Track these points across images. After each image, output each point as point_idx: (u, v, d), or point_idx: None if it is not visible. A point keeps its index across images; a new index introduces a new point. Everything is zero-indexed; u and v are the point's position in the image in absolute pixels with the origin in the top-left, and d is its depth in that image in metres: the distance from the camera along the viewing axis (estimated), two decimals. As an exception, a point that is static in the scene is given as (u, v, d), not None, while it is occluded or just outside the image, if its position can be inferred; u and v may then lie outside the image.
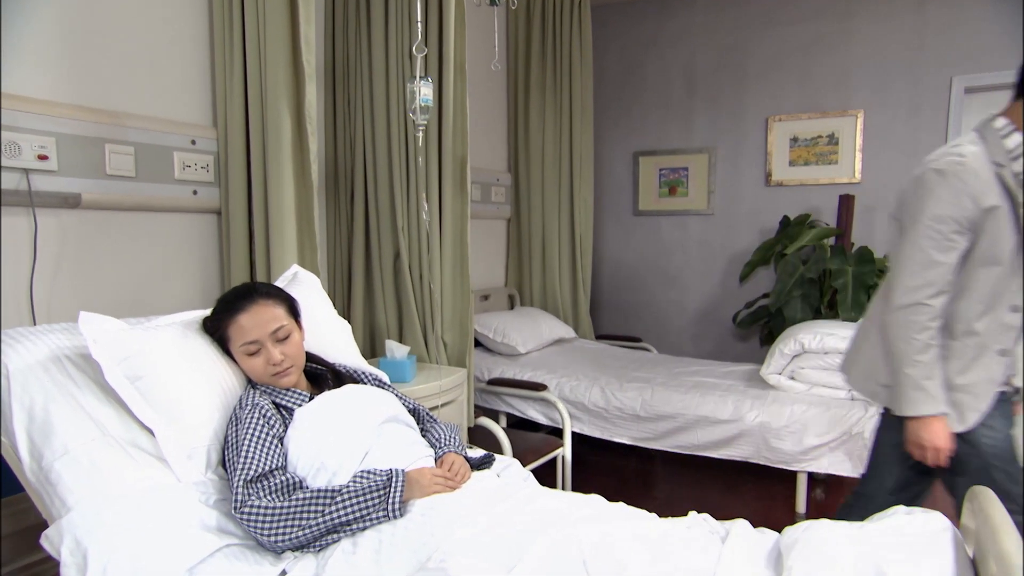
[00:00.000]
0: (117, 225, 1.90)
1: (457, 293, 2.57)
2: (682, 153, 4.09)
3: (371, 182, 2.60)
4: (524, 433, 2.82)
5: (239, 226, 2.14)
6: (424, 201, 2.36)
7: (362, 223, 2.65)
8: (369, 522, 1.24)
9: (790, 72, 3.81)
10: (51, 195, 1.69)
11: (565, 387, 2.98)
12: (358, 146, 2.62)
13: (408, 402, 1.67)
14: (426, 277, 2.52)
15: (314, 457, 1.34)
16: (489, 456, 1.57)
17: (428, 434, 1.58)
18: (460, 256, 2.55)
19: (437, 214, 2.54)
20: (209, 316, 1.48)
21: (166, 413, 1.33)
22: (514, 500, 1.30)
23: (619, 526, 1.21)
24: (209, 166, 2.11)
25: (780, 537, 1.23)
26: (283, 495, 1.27)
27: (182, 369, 1.38)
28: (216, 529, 1.24)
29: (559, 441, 2.69)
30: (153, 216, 2.00)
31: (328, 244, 2.74)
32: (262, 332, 1.42)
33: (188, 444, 1.33)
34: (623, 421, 2.85)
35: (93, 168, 1.78)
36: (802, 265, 3.36)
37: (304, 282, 1.83)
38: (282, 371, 1.44)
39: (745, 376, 3.03)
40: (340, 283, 2.73)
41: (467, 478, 1.41)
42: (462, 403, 2.46)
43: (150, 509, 1.19)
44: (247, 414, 1.36)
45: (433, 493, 1.32)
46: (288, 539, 1.23)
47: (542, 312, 3.71)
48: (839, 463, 2.52)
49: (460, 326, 2.57)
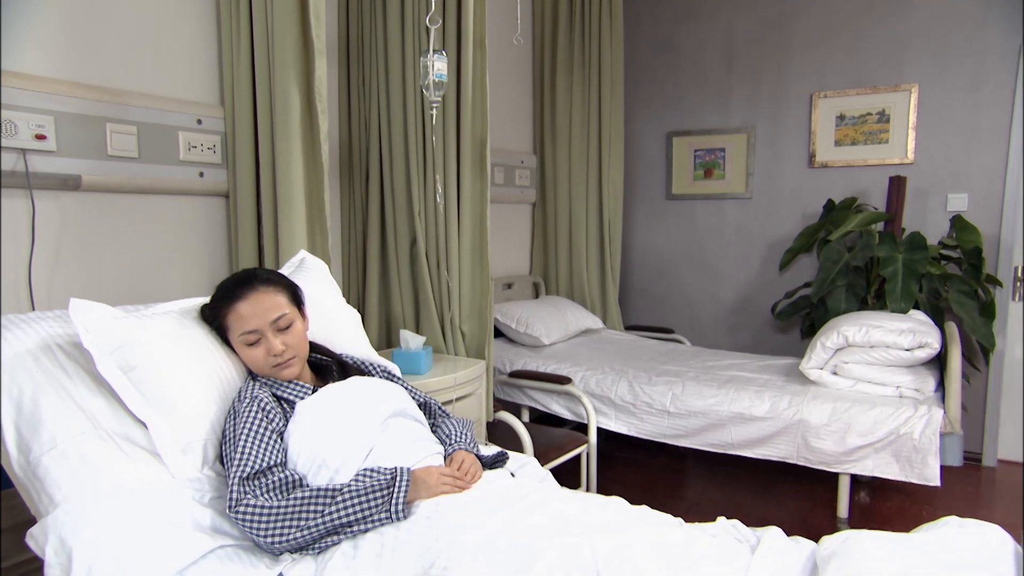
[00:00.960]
0: (119, 208, 1.89)
1: (476, 281, 2.53)
2: (719, 133, 4.00)
3: (387, 164, 2.57)
4: (547, 428, 2.79)
5: (247, 210, 2.12)
6: (439, 183, 2.32)
7: (377, 208, 2.63)
8: (371, 524, 1.22)
9: (837, 45, 3.67)
10: (50, 177, 1.68)
11: (591, 380, 2.94)
12: (373, 127, 2.59)
13: (419, 395, 1.64)
14: (443, 264, 2.49)
15: (315, 453, 1.32)
16: (502, 454, 1.53)
17: (438, 430, 1.55)
18: (479, 242, 2.51)
19: (455, 198, 2.50)
20: (207, 304, 1.46)
21: (160, 405, 1.31)
22: (526, 503, 1.26)
23: (637, 534, 1.15)
24: (216, 147, 2.09)
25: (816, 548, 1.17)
26: (281, 493, 1.25)
27: (178, 359, 1.36)
28: (210, 529, 1.22)
29: (583, 437, 2.66)
30: (157, 199, 1.99)
31: (342, 230, 2.72)
32: (262, 321, 1.39)
33: (183, 438, 1.31)
34: (652, 417, 2.79)
35: (94, 149, 1.77)
36: (847, 252, 3.25)
37: (311, 268, 1.81)
38: (283, 362, 1.42)
39: (784, 370, 2.95)
40: (354, 270, 2.71)
41: (478, 478, 1.38)
42: (481, 397, 2.43)
43: (140, 507, 1.17)
44: (245, 407, 1.34)
45: (440, 494, 1.28)
46: (285, 540, 1.20)
47: (568, 301, 3.66)
48: (885, 465, 2.43)
49: (479, 316, 2.53)
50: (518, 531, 1.16)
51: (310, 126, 2.04)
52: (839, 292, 3.23)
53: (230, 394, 1.42)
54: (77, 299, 1.32)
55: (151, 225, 1.98)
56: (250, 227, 2.13)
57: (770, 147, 3.88)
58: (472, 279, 2.54)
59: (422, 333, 2.55)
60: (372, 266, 2.65)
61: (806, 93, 3.75)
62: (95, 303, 1.35)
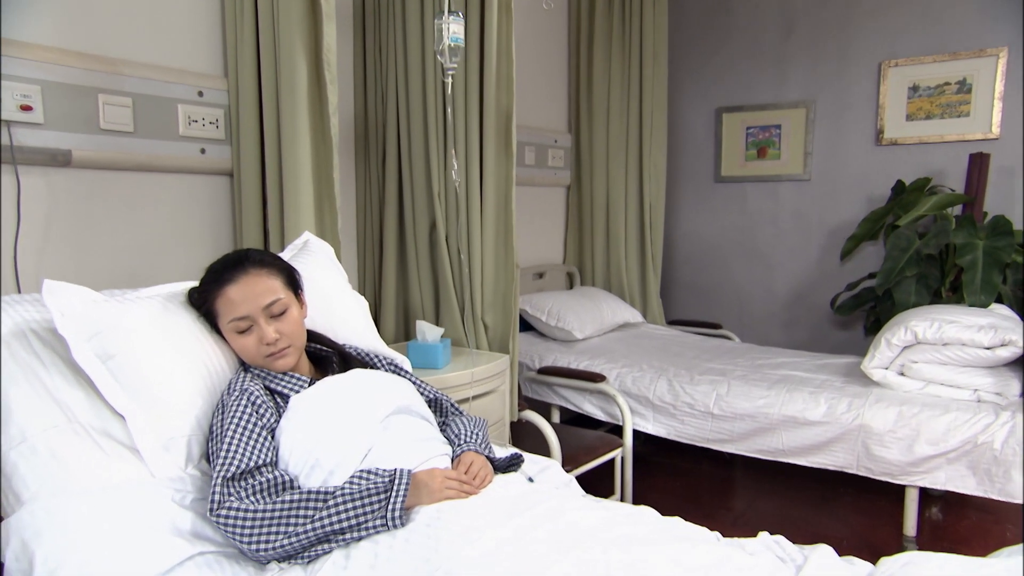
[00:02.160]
0: (113, 187, 1.87)
1: (500, 268, 2.47)
2: (774, 108, 3.89)
3: (404, 141, 2.53)
4: (578, 430, 2.74)
5: (251, 190, 2.09)
6: (453, 159, 2.25)
7: (395, 188, 2.59)
8: (365, 531, 1.17)
9: (911, 6, 3.49)
10: (37, 151, 1.67)
11: (627, 378, 2.87)
12: (391, 100, 2.54)
13: (429, 391, 1.59)
14: (464, 250, 2.44)
15: (308, 453, 1.28)
16: (517, 456, 1.47)
17: (447, 429, 1.50)
18: (503, 226, 2.45)
19: (478, 177, 2.44)
20: (195, 288, 1.42)
21: (141, 397, 1.28)
22: (539, 511, 1.20)
23: (662, 550, 1.08)
24: (219, 121, 2.06)
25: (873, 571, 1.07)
26: (268, 496, 1.20)
27: (161, 348, 1.33)
28: (190, 534, 1.19)
29: (618, 440, 2.60)
30: (154, 177, 1.96)
31: (357, 212, 2.69)
32: (253, 306, 1.35)
33: (165, 434, 1.28)
34: (693, 419, 2.71)
35: (85, 122, 1.75)
36: (918, 239, 3.10)
37: (315, 251, 1.77)
38: (277, 352, 1.38)
39: (843, 370, 2.83)
40: (371, 256, 2.68)
41: (488, 482, 1.32)
42: (504, 394, 2.37)
43: (113, 508, 1.14)
44: (233, 401, 1.30)
45: (444, 499, 1.23)
46: (271, 547, 1.16)
47: (605, 293, 3.61)
48: (960, 478, 2.29)
49: (503, 306, 2.47)
50: (527, 543, 1.10)
51: (318, 97, 2.00)
52: (908, 284, 3.09)
53: (219, 386, 1.38)
54: (52, 281, 1.29)
55: (148, 205, 1.96)
56: (255, 208, 2.10)
57: (832, 123, 3.75)
58: (496, 266, 2.48)
59: (442, 324, 2.50)
60: (389, 252, 2.61)
61: (874, 62, 3.60)
62: (72, 285, 1.32)
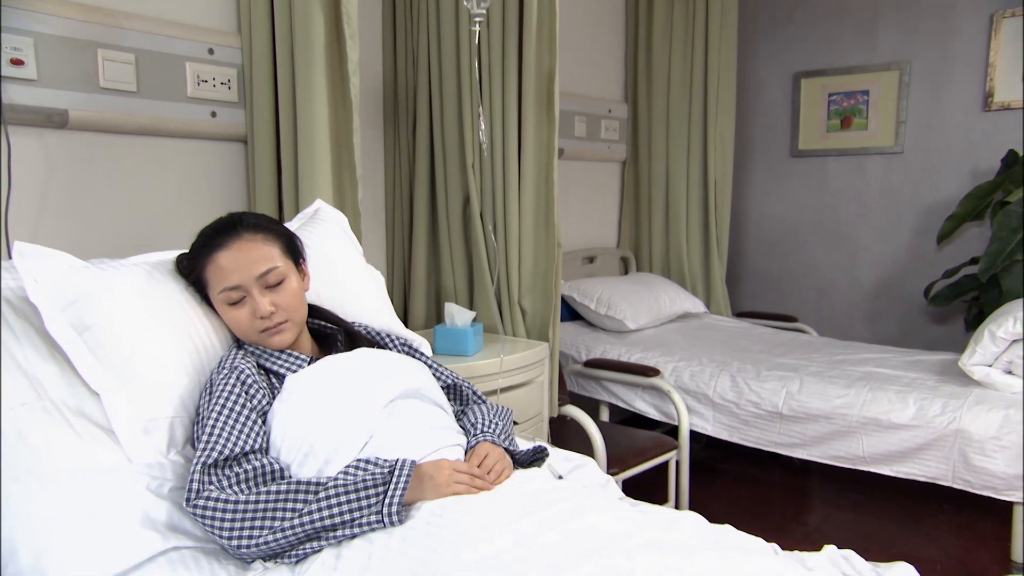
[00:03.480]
0: (115, 151, 1.85)
1: (540, 248, 2.41)
2: (862, 71, 3.73)
3: (436, 107, 2.48)
4: (628, 429, 2.68)
5: (266, 157, 2.06)
6: (480, 119, 2.17)
7: (426, 159, 2.54)
8: (359, 528, 1.11)
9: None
10: (30, 111, 1.65)
11: (684, 373, 2.81)
12: (422, 60, 2.49)
13: (447, 376, 1.54)
14: (500, 226, 2.37)
15: (302, 439, 1.23)
16: (540, 449, 1.40)
17: (464, 418, 1.44)
18: (544, 200, 2.38)
19: (515, 146, 2.36)
20: (184, 254, 1.38)
21: (119, 374, 1.24)
22: (556, 511, 1.11)
23: (700, 560, 0.98)
24: (231, 82, 2.03)
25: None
26: (255, 486, 1.15)
27: (143, 319, 1.29)
28: (165, 526, 1.14)
29: (672, 442, 2.53)
30: (160, 143, 1.94)
31: (386, 186, 2.66)
32: (246, 275, 1.31)
33: (145, 414, 1.24)
34: (759, 420, 2.62)
35: (83, 79, 1.73)
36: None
37: (325, 220, 1.73)
38: (272, 327, 1.33)
39: (937, 367, 2.67)
40: (400, 234, 2.65)
41: (504, 477, 1.25)
42: (542, 386, 2.31)
43: (78, 496, 1.11)
44: (221, 379, 1.26)
45: (452, 494, 1.17)
46: (255, 544, 1.11)
47: (663, 280, 3.56)
48: (1079, 496, 2.09)
49: (542, 290, 2.41)
50: (537, 547, 1.02)
51: (338, 54, 1.95)
52: (1017, 269, 2.91)
53: (208, 365, 1.34)
54: (24, 243, 1.26)
55: (153, 173, 1.94)
56: (269, 178, 2.06)
57: (930, 86, 3.57)
58: (535, 245, 2.41)
59: (475, 308, 2.45)
60: (420, 229, 2.57)
61: (984, 12, 3.39)
62: (49, 249, 1.29)
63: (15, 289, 1.28)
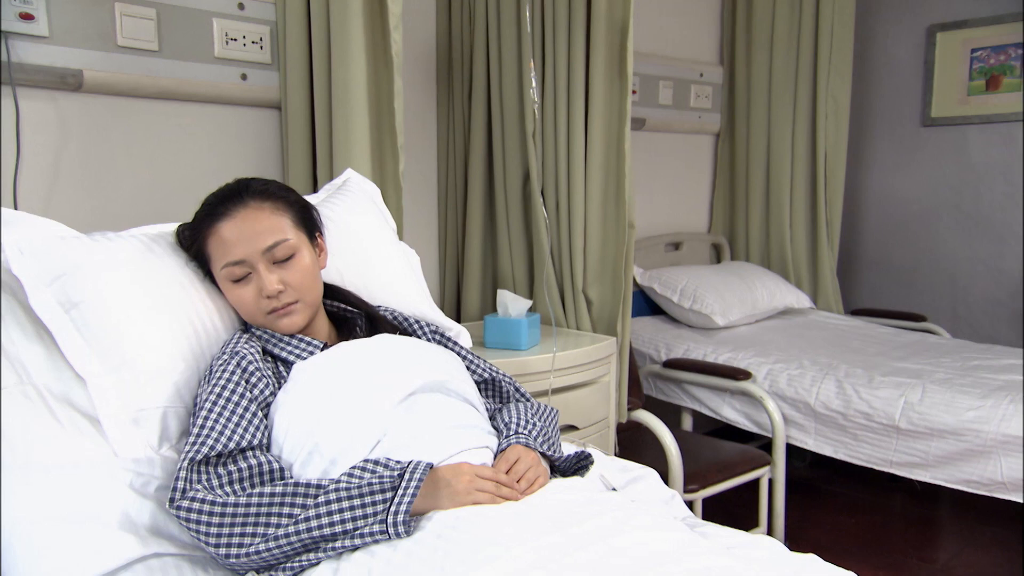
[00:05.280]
0: (135, 117, 1.87)
1: (608, 229, 2.36)
2: (1014, 20, 3.50)
3: (495, 68, 2.45)
4: (712, 440, 2.64)
5: (299, 124, 2.06)
6: (532, 74, 2.10)
7: (482, 128, 2.52)
8: (360, 539, 1.06)
9: None
10: (41, 71, 1.67)
11: (781, 377, 2.71)
12: (479, 17, 2.48)
13: (485, 369, 1.49)
14: (563, 205, 2.34)
15: (306, 436, 1.19)
16: (584, 456, 1.33)
17: (498, 416, 1.38)
18: (614, 175, 2.32)
19: (582, 113, 2.31)
20: (186, 224, 1.37)
21: (108, 357, 1.23)
22: (591, 527, 1.03)
23: None
24: (264, 40, 2.03)
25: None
26: (248, 487, 1.12)
27: (135, 297, 1.28)
28: (147, 529, 1.12)
29: (765, 457, 2.47)
30: (185, 108, 1.96)
31: (439, 159, 2.65)
32: (251, 248, 1.28)
33: (135, 403, 1.22)
34: (870, 434, 2.49)
35: (99, 36, 1.75)
36: None
37: (353, 191, 1.71)
38: (281, 308, 1.30)
39: None
40: (454, 212, 2.64)
41: (537, 486, 1.18)
42: (608, 388, 2.25)
43: (47, 493, 1.10)
44: (219, 365, 1.24)
45: (472, 503, 1.11)
46: (244, 553, 1.07)
47: (761, 270, 3.49)
48: None
49: (611, 277, 2.36)
50: (564, 567, 0.94)
51: (378, 5, 1.92)
52: None
53: (209, 349, 1.32)
54: (9, 210, 1.26)
55: (177, 141, 1.95)
56: (303, 146, 2.06)
57: None
58: (603, 226, 2.36)
59: (536, 297, 2.41)
60: (474, 207, 2.55)
61: None
62: (37, 217, 1.29)
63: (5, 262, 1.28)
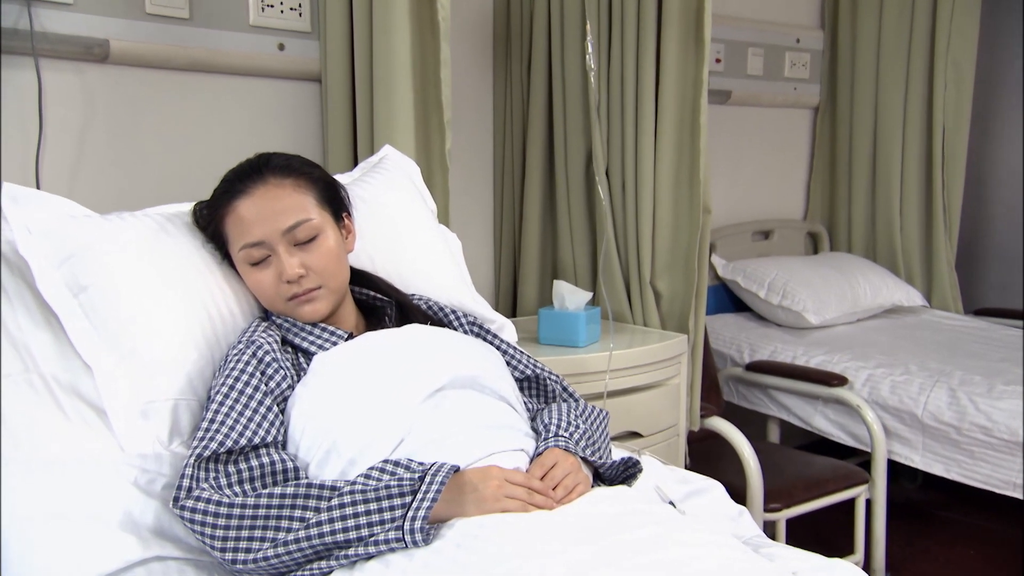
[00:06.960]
0: (165, 90, 1.91)
1: (681, 215, 2.33)
2: None
3: (556, 37, 2.46)
4: (801, 454, 2.59)
5: (340, 97, 2.10)
6: (588, 36, 2.08)
7: (543, 103, 2.54)
8: (375, 547, 1.06)
9: None
10: (65, 40, 1.72)
11: (883, 384, 2.65)
12: None
13: (525, 365, 1.48)
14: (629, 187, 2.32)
15: (324, 433, 1.20)
16: (632, 463, 1.30)
17: (539, 416, 1.37)
18: (688, 155, 2.29)
19: (652, 84, 2.28)
20: (203, 202, 1.39)
21: (117, 344, 1.26)
22: (628, 539, 1.02)
23: None
24: (302, 7, 2.07)
25: None
26: (259, 487, 1.13)
27: (147, 280, 1.30)
28: (150, 530, 1.14)
29: (863, 474, 2.42)
30: (218, 80, 2.00)
31: (495, 136, 2.67)
32: (270, 229, 1.29)
33: (144, 395, 1.25)
34: (990, 452, 2.40)
35: (126, 4, 1.79)
36: None
37: (389, 168, 1.72)
38: (302, 293, 1.31)
39: None
40: (510, 195, 2.66)
41: (576, 494, 1.16)
42: (678, 391, 2.24)
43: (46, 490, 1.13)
44: (234, 355, 1.25)
45: (500, 511, 1.10)
46: (251, 558, 1.08)
47: (865, 262, 3.46)
48: None
49: (683, 268, 2.33)
50: None
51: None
52: None
53: (226, 338, 1.34)
54: (16, 186, 1.30)
55: (209, 115, 2.00)
56: (344, 121, 2.10)
57: None
58: (675, 212, 2.33)
59: (599, 289, 2.39)
60: (532, 189, 2.57)
61: None
62: (48, 194, 1.33)
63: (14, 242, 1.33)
